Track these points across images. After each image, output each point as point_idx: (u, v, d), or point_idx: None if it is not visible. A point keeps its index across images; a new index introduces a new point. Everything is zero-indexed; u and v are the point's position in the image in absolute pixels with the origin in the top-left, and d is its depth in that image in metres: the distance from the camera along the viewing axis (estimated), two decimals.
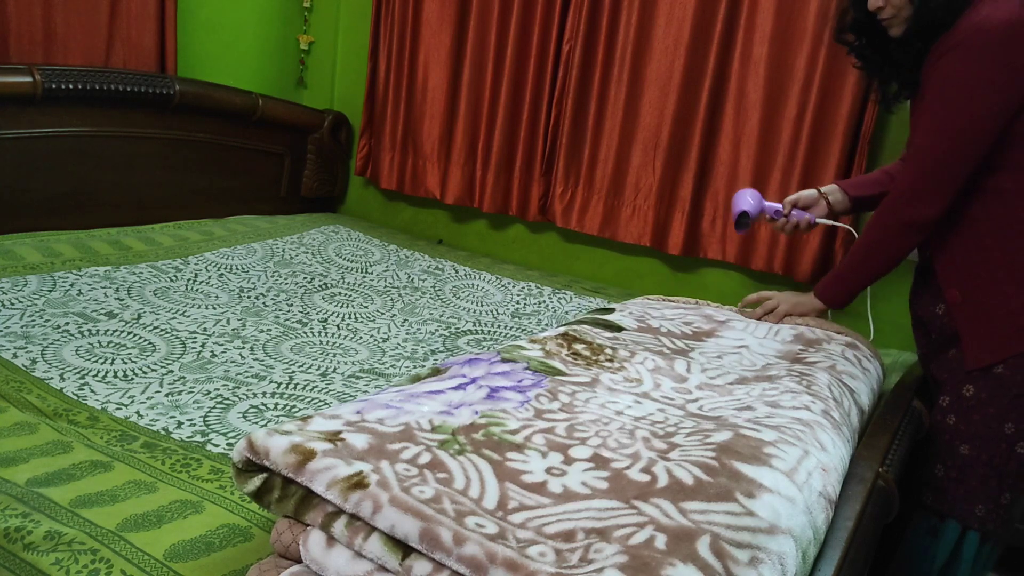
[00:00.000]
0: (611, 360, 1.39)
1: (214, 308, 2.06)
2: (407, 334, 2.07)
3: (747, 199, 1.79)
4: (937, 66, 1.45)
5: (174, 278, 2.21)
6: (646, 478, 0.96)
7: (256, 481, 0.92)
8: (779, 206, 1.80)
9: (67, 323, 1.80)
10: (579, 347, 1.42)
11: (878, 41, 1.60)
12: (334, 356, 1.85)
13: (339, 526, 0.84)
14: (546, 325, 2.24)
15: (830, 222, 1.86)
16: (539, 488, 0.92)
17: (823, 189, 1.80)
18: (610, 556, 0.79)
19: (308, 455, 0.88)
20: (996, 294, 1.49)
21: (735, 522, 0.88)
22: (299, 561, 0.89)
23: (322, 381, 1.69)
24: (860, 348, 1.65)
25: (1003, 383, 1.49)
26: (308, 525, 0.88)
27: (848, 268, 1.67)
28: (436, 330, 2.13)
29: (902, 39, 1.53)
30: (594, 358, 1.38)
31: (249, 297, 2.18)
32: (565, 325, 1.57)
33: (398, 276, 2.57)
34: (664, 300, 1.91)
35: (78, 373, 1.59)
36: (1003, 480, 1.52)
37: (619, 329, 1.58)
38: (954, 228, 1.53)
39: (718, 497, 0.92)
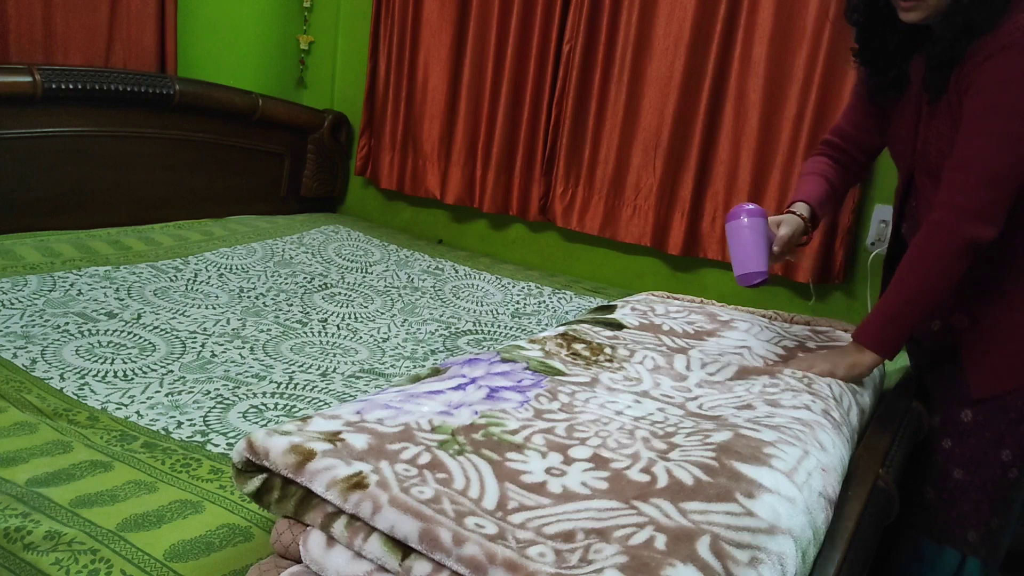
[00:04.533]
0: (610, 360, 1.39)
1: (214, 308, 2.06)
2: (407, 334, 2.07)
3: (755, 247, 1.47)
4: (985, 69, 1.28)
5: (174, 278, 2.21)
6: (646, 478, 0.96)
7: (256, 481, 0.92)
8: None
9: (67, 323, 1.80)
10: (578, 347, 1.42)
11: (881, 27, 1.44)
12: (334, 356, 1.85)
13: (339, 526, 0.84)
14: (546, 325, 2.24)
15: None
16: (539, 488, 0.92)
17: (800, 213, 1.56)
18: (610, 556, 0.79)
19: (308, 455, 0.88)
20: (1007, 321, 1.42)
21: (735, 522, 0.88)
22: (299, 561, 0.89)
23: (322, 381, 1.69)
24: None
25: (1003, 408, 1.44)
26: (308, 525, 0.88)
27: (901, 305, 1.40)
28: (436, 330, 2.13)
29: (934, 33, 1.35)
30: (593, 358, 1.38)
31: (249, 297, 2.18)
32: (565, 325, 1.57)
33: (398, 276, 2.57)
34: (669, 297, 1.90)
35: (78, 373, 1.59)
36: (994, 505, 1.48)
37: (620, 327, 1.58)
38: None
39: (718, 497, 0.92)
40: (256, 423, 1.46)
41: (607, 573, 0.76)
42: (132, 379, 1.60)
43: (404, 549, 0.80)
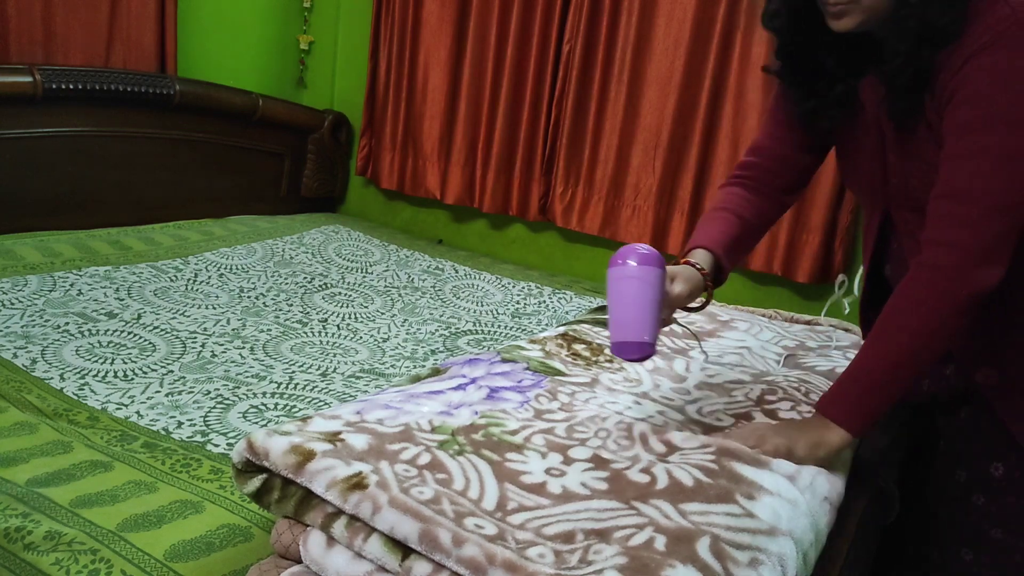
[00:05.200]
0: (611, 360, 1.39)
1: (214, 308, 2.06)
2: (407, 334, 2.07)
3: (642, 309, 1.06)
4: (966, 74, 1.03)
5: (174, 278, 2.21)
6: (646, 479, 0.96)
7: (256, 482, 0.92)
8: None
9: (67, 323, 1.80)
10: (579, 347, 1.42)
11: (812, 41, 1.18)
12: (334, 356, 1.85)
13: (339, 527, 0.85)
14: (546, 325, 2.24)
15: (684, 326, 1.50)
16: (538, 489, 0.92)
17: (697, 261, 1.26)
18: (609, 557, 0.79)
19: (308, 456, 0.88)
20: None
21: (735, 523, 0.88)
22: (299, 561, 0.89)
23: (322, 381, 1.69)
24: None
25: None
26: (308, 525, 0.89)
27: (884, 370, 1.09)
28: (436, 330, 2.13)
29: (886, 44, 1.10)
30: (593, 358, 1.38)
31: (249, 297, 2.18)
32: (565, 325, 1.57)
33: (398, 276, 2.57)
34: None
35: (78, 373, 1.59)
36: None
37: None
38: None
39: (718, 499, 0.92)
40: (256, 423, 1.46)
41: (607, 574, 0.76)
42: (132, 379, 1.60)
43: (404, 549, 0.80)
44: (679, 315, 1.37)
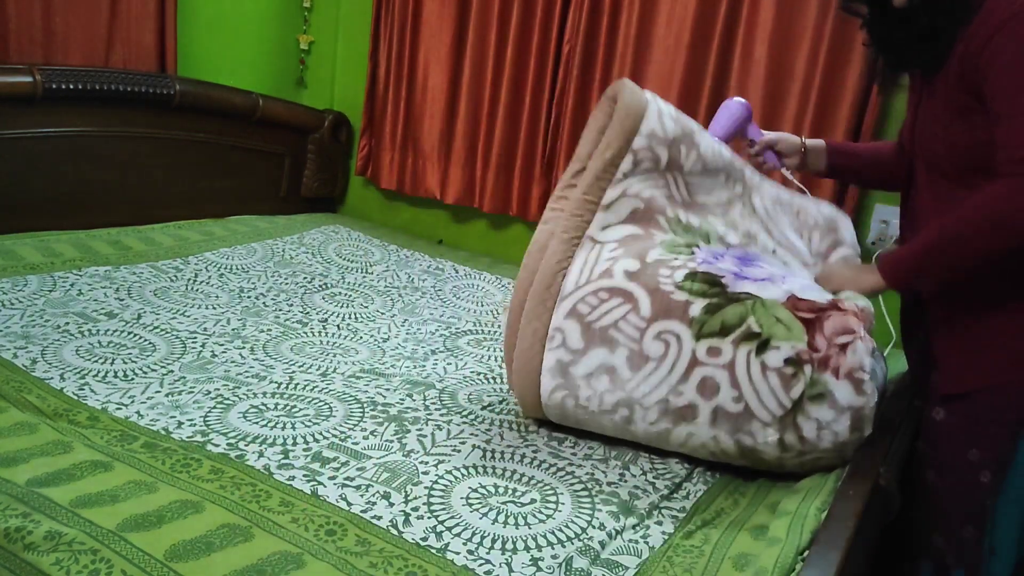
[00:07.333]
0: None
1: (214, 308, 2.06)
2: (407, 334, 2.07)
3: (728, 118, 1.79)
4: (1004, 35, 1.20)
5: (174, 278, 2.21)
6: None
7: None
8: (761, 135, 1.79)
9: (67, 323, 1.80)
10: None
11: (879, 11, 1.39)
12: (334, 356, 1.85)
13: None
14: None
15: (792, 180, 1.81)
16: None
17: (807, 142, 1.73)
18: None
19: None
20: (982, 316, 1.34)
21: None
22: None
23: (322, 381, 1.69)
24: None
25: (975, 408, 1.34)
26: None
27: (934, 252, 1.32)
28: (436, 330, 2.12)
29: (907, 10, 1.32)
30: None
31: (249, 297, 2.18)
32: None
33: (398, 276, 2.57)
34: None
35: (78, 373, 1.59)
36: (967, 512, 1.37)
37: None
38: None
39: None
40: (256, 423, 1.46)
41: None
42: (132, 379, 1.60)
43: None
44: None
